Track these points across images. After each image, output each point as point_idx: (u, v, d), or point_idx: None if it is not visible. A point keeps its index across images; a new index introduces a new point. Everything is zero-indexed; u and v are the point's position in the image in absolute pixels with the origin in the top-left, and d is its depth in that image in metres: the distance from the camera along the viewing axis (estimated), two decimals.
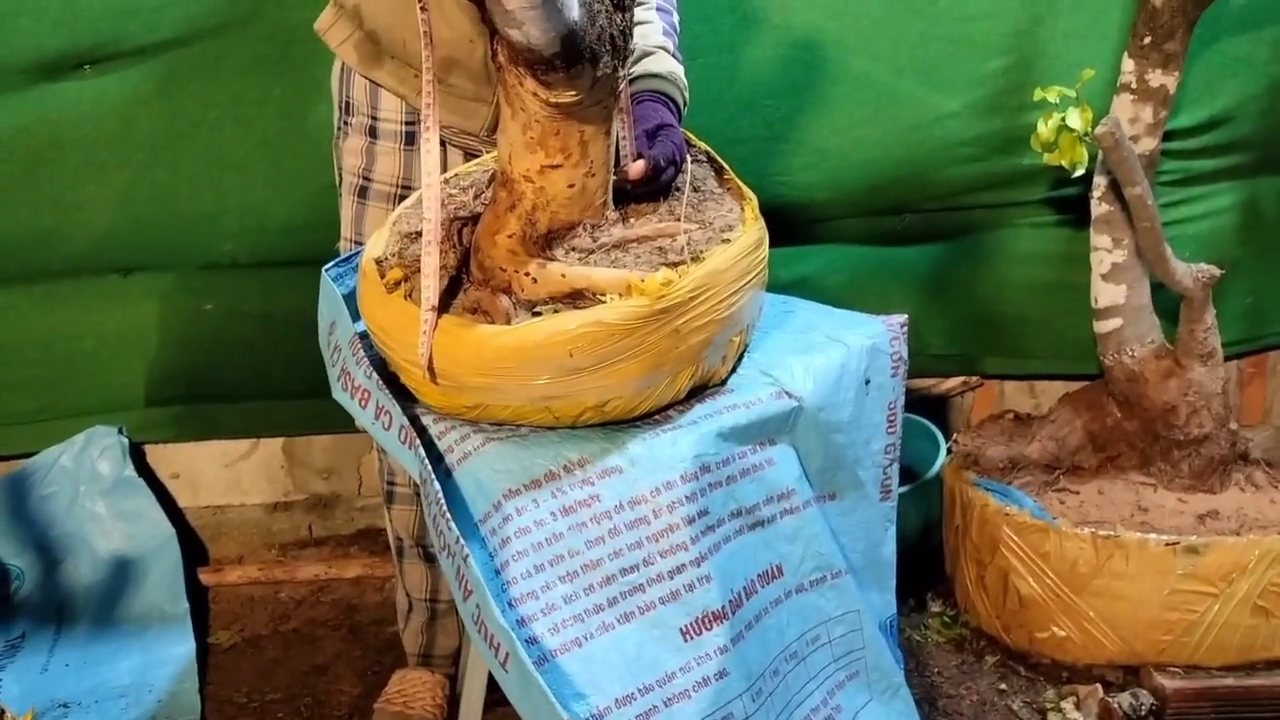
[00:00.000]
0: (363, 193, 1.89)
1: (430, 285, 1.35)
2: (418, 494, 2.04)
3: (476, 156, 1.79)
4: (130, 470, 2.47)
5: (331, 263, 1.62)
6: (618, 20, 1.25)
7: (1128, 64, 2.08)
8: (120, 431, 2.50)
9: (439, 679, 2.11)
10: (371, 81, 1.83)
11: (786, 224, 2.18)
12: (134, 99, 2.24)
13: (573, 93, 1.24)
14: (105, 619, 2.35)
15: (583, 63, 1.20)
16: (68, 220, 2.31)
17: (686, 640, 1.28)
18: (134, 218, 2.33)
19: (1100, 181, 2.14)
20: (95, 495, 2.44)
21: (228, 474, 2.65)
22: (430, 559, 2.09)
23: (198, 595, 2.50)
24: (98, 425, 2.49)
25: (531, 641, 1.20)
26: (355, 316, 1.52)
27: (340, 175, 1.93)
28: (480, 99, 1.78)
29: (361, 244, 1.83)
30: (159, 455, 2.61)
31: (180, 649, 2.29)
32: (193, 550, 2.58)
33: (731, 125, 2.30)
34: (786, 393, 1.48)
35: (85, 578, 2.39)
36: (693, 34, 2.27)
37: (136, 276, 2.42)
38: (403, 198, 1.85)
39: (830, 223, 2.48)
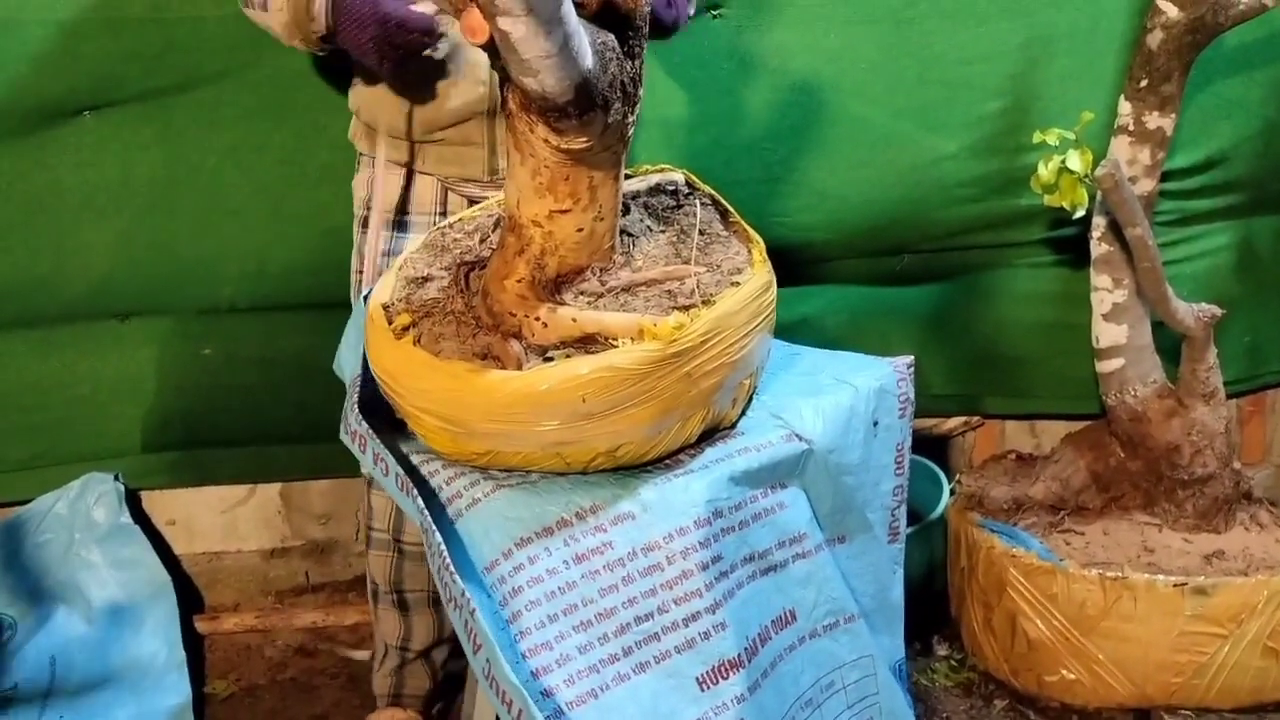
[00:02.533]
0: (365, 223, 1.96)
1: None
2: (396, 540, 2.05)
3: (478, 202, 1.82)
4: (126, 517, 2.44)
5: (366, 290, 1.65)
6: (628, 68, 1.26)
7: (1125, 106, 2.10)
8: (116, 478, 2.47)
9: (410, 715, 2.11)
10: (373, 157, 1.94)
11: (786, 264, 2.17)
12: (134, 144, 2.24)
13: (584, 139, 1.24)
14: (100, 669, 2.30)
15: (595, 110, 1.21)
16: (66, 265, 2.30)
17: (703, 690, 1.26)
18: (132, 262, 2.32)
19: (1100, 222, 2.15)
20: (90, 543, 2.40)
21: (224, 520, 2.62)
22: (404, 606, 2.09)
23: (194, 644, 2.47)
24: (93, 472, 2.46)
25: (546, 694, 1.18)
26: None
27: (354, 212, 2.01)
28: (468, 141, 1.86)
29: (362, 273, 1.95)
30: (155, 501, 2.58)
31: (176, 699, 2.25)
32: (189, 598, 2.55)
33: (731, 168, 2.31)
34: (797, 435, 1.48)
35: (79, 627, 2.35)
36: (691, 79, 2.30)
37: (134, 321, 2.41)
38: (397, 224, 1.93)
39: (830, 263, 2.48)
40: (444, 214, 1.92)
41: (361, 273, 1.96)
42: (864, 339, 2.56)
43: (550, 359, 1.31)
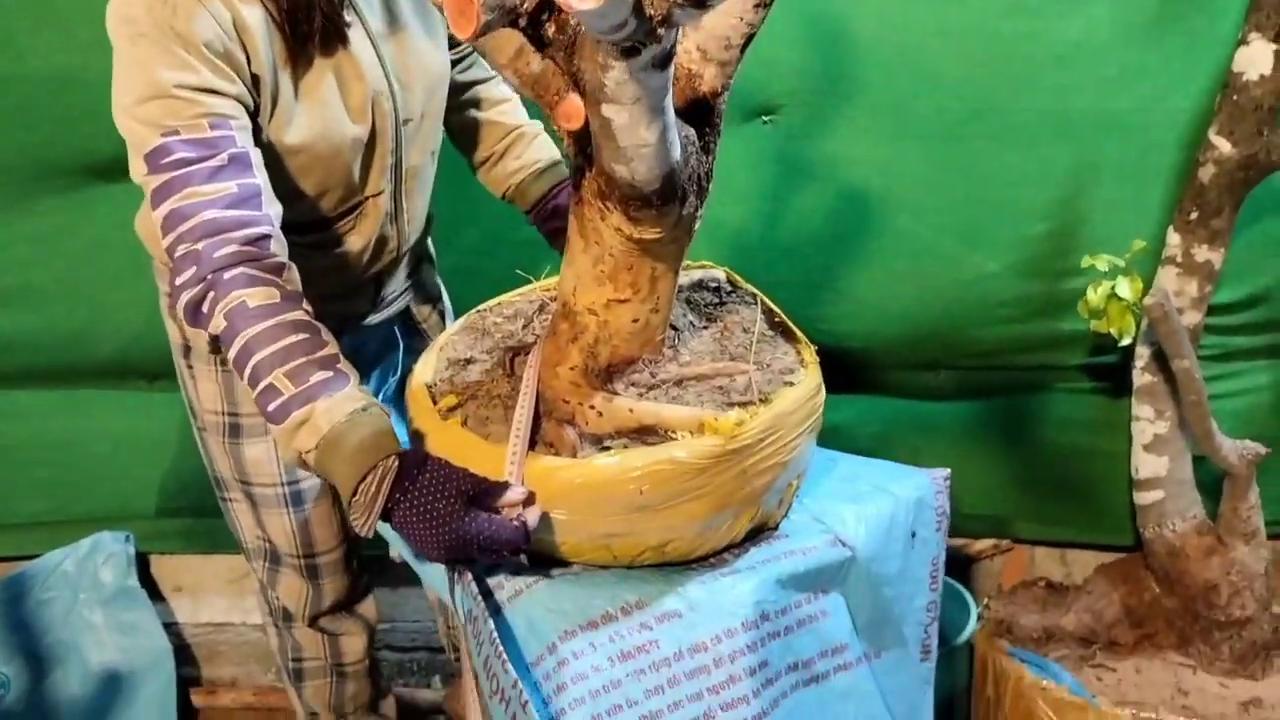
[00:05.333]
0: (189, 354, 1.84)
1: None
2: (336, 665, 1.97)
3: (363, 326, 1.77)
4: (133, 580, 2.39)
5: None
6: (704, 162, 1.26)
7: (1173, 238, 2.10)
8: (127, 539, 2.42)
9: None
10: None
11: (821, 371, 2.18)
12: None
13: (657, 230, 1.24)
14: None
15: (674, 201, 1.20)
16: (100, 323, 2.30)
17: None
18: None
19: (1144, 351, 2.13)
20: (94, 604, 2.35)
21: (231, 590, 2.56)
22: None
23: (188, 716, 2.39)
24: (105, 531, 2.42)
25: None
26: None
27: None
28: (358, 293, 1.73)
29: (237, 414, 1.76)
30: (163, 566, 2.53)
31: None
32: (187, 668, 2.48)
33: (772, 270, 2.30)
34: (840, 541, 1.45)
35: (74, 690, 2.29)
36: (739, 181, 2.31)
37: (161, 383, 2.39)
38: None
39: (865, 372, 2.46)
40: None
41: (236, 414, 1.76)
42: (895, 452, 2.49)
43: (607, 448, 1.28)
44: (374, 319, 1.78)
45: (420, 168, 1.67)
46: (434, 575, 1.33)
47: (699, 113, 1.23)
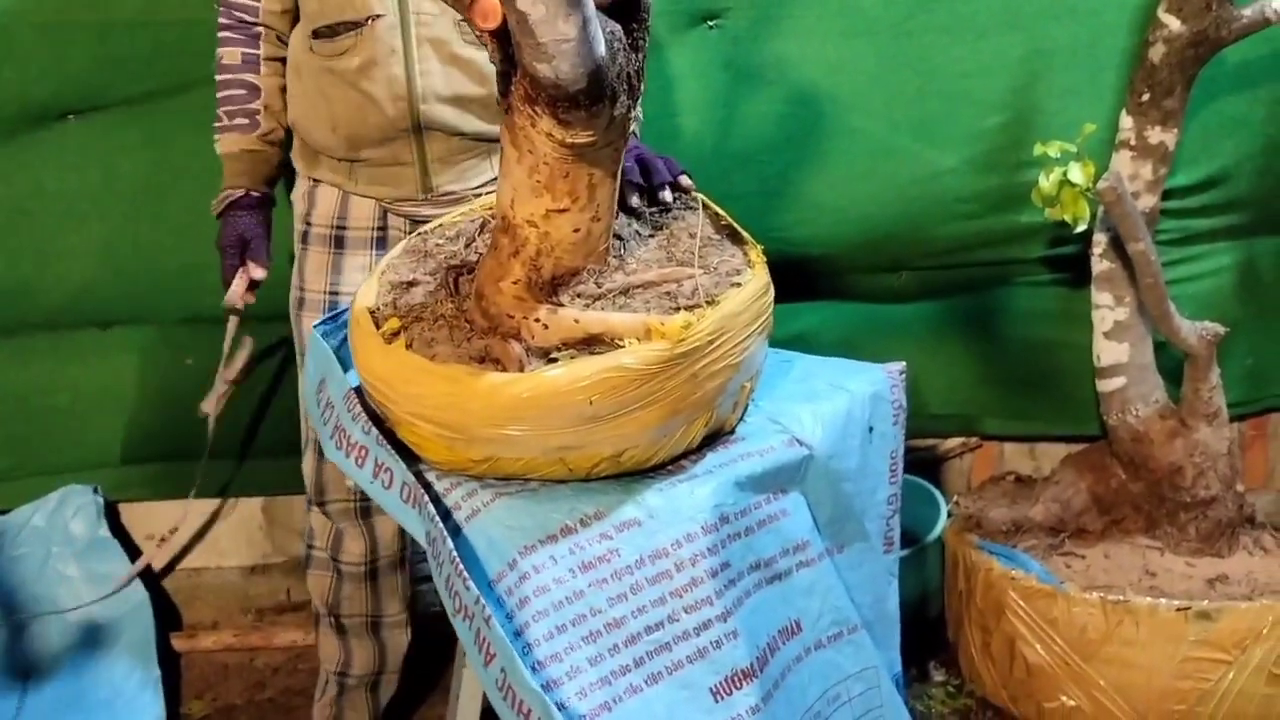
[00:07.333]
0: (305, 239, 1.94)
1: None
2: (334, 560, 2.00)
3: (421, 222, 1.79)
4: (104, 531, 2.38)
5: (320, 319, 1.59)
6: (633, 60, 1.23)
7: (1126, 121, 2.08)
8: (95, 491, 2.41)
9: None
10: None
11: (782, 280, 2.12)
12: (118, 149, 2.21)
13: (589, 133, 1.20)
14: (73, 685, 2.23)
15: (603, 101, 1.17)
16: (46, 271, 2.26)
17: (717, 700, 1.22)
18: (115, 269, 2.27)
19: (1101, 238, 2.13)
20: (68, 557, 2.34)
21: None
22: (341, 630, 2.05)
23: (170, 662, 2.40)
24: (72, 484, 2.40)
25: (559, 707, 1.13)
26: (346, 370, 1.46)
27: (294, 225, 1.99)
28: (398, 161, 1.84)
29: (303, 289, 1.96)
30: (134, 515, 2.51)
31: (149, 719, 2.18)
32: (166, 615, 2.48)
33: (727, 181, 2.27)
34: (798, 440, 1.44)
35: (54, 642, 2.28)
36: (687, 90, 2.27)
37: (116, 330, 2.36)
38: (335, 240, 1.92)
39: (826, 278, 2.45)
40: (383, 232, 1.91)
41: (303, 289, 1.96)
42: (859, 357, 2.49)
43: (554, 360, 1.26)
44: (428, 211, 1.82)
45: (439, 37, 1.75)
46: (390, 503, 1.31)
47: (625, 8, 1.20)
